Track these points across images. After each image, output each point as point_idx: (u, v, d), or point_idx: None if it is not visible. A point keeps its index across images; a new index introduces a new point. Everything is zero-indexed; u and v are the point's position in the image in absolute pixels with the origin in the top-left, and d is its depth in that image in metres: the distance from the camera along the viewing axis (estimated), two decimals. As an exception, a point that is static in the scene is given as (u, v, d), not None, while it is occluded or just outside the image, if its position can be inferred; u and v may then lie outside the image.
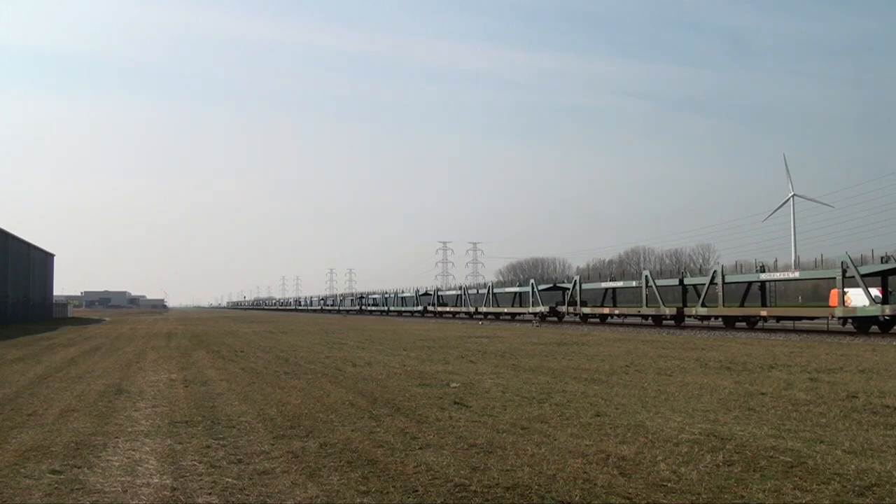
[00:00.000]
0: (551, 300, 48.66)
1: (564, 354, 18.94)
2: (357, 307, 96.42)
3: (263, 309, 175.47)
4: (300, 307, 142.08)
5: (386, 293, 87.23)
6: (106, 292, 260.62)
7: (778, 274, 32.35)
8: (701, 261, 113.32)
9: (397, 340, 26.66)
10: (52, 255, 78.50)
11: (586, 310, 43.88)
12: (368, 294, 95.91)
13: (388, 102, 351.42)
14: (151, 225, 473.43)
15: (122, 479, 6.22)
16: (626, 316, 41.28)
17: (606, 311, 42.20)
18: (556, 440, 7.55)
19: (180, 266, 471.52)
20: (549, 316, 47.20)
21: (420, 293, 75.27)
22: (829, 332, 28.68)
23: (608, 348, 21.30)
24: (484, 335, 30.38)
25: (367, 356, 18.97)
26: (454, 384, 12.42)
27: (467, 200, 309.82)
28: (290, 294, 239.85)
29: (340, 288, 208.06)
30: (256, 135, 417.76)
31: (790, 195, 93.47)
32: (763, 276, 32.04)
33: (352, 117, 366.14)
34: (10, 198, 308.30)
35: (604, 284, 44.46)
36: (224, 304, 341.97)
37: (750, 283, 33.71)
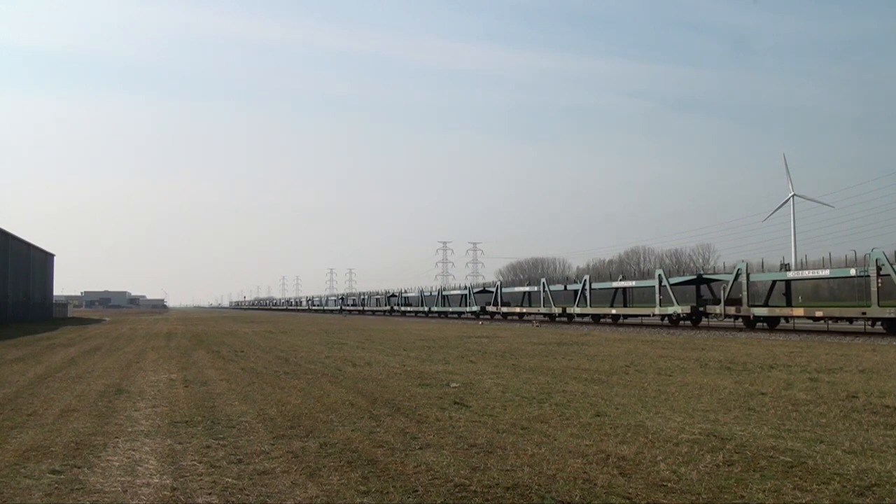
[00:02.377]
0: (684, 296, 38.28)
1: (564, 354, 18.94)
2: (387, 307, 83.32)
3: (267, 309, 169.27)
4: (314, 307, 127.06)
5: (423, 291, 74.60)
6: (106, 292, 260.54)
7: None
8: (701, 261, 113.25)
9: (397, 340, 26.66)
10: (52, 255, 78.52)
11: (760, 310, 30.89)
12: (402, 293, 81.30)
13: (388, 102, 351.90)
14: (151, 225, 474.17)
15: (122, 479, 6.22)
16: (832, 319, 29.18)
17: (797, 312, 29.62)
18: (556, 440, 7.55)
19: (180, 266, 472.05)
20: (686, 318, 35.89)
21: (476, 290, 62.15)
22: (829, 332, 28.62)
23: (608, 348, 21.30)
24: (484, 335, 30.39)
25: (367, 356, 18.97)
26: (454, 384, 12.42)
27: (467, 200, 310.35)
28: (290, 294, 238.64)
29: (340, 288, 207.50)
30: (256, 135, 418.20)
31: (790, 195, 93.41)
32: None
33: (352, 117, 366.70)
34: (10, 198, 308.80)
35: (790, 274, 31.17)
36: (226, 304, 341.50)
37: None
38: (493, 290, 57.35)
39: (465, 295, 62.75)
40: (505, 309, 54.20)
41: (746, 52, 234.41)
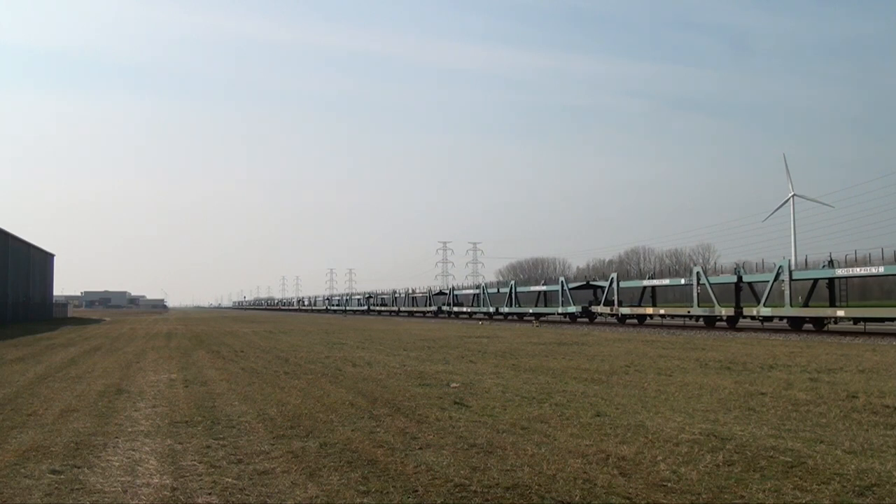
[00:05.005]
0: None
1: (564, 354, 18.94)
2: (431, 308, 67.51)
3: (273, 309, 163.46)
4: (333, 306, 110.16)
5: (487, 287, 58.55)
6: (106, 292, 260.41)
7: None
8: (701, 261, 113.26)
9: (397, 340, 26.66)
10: (52, 255, 78.48)
11: None
12: (452, 290, 65.71)
13: (387, 102, 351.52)
14: (151, 225, 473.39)
15: (122, 479, 6.22)
16: None
17: None
18: (556, 440, 7.55)
19: (180, 266, 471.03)
20: None
21: (573, 285, 46.55)
22: (828, 331, 28.58)
23: (608, 348, 21.30)
24: (484, 335, 30.39)
25: (367, 356, 18.97)
26: (454, 384, 12.42)
27: (467, 200, 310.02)
28: (290, 294, 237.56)
29: (340, 288, 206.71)
30: (257, 135, 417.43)
31: (790, 195, 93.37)
32: None
33: (352, 117, 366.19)
34: (10, 198, 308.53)
35: None
36: (226, 303, 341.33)
37: None
38: (604, 284, 42.87)
39: (555, 291, 46.67)
40: (625, 310, 40.03)
41: (746, 52, 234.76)
